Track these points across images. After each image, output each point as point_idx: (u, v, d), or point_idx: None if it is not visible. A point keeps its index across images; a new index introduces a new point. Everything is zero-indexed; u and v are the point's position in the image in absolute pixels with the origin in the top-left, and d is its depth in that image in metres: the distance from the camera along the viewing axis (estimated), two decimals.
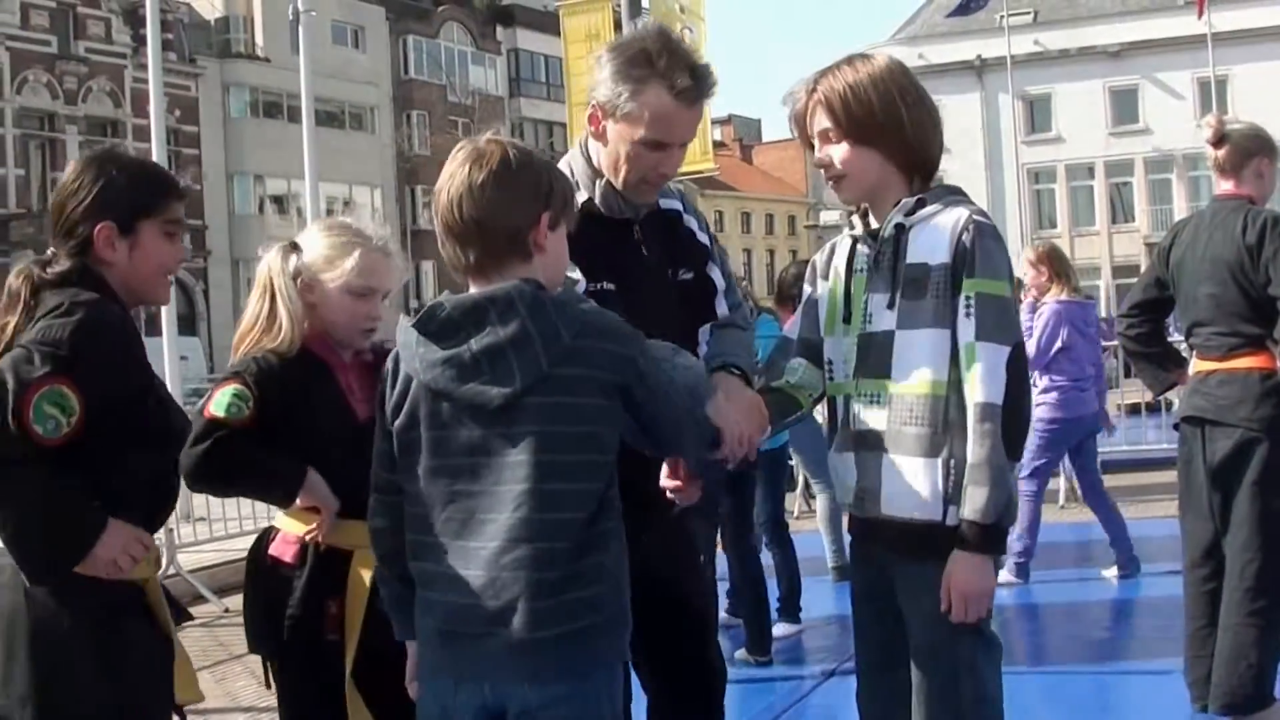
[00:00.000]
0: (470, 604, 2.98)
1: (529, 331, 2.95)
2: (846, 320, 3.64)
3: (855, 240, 3.72)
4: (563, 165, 3.85)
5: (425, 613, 3.09)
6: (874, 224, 3.66)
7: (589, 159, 3.89)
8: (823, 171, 3.69)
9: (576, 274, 3.60)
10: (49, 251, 3.63)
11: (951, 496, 3.43)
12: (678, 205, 4.05)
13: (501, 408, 2.97)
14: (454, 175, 3.07)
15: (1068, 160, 62.35)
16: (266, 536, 4.05)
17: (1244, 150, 5.80)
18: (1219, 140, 5.81)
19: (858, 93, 3.56)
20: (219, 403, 3.87)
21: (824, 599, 9.21)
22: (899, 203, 3.58)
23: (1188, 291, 5.82)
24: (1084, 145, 61.54)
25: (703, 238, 4.08)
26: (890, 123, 3.56)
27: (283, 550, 3.95)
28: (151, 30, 14.41)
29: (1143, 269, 6.27)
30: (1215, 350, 5.70)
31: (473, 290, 3.07)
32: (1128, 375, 18.85)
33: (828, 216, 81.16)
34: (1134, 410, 16.44)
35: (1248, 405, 5.57)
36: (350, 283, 3.98)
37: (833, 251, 3.82)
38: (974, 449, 3.38)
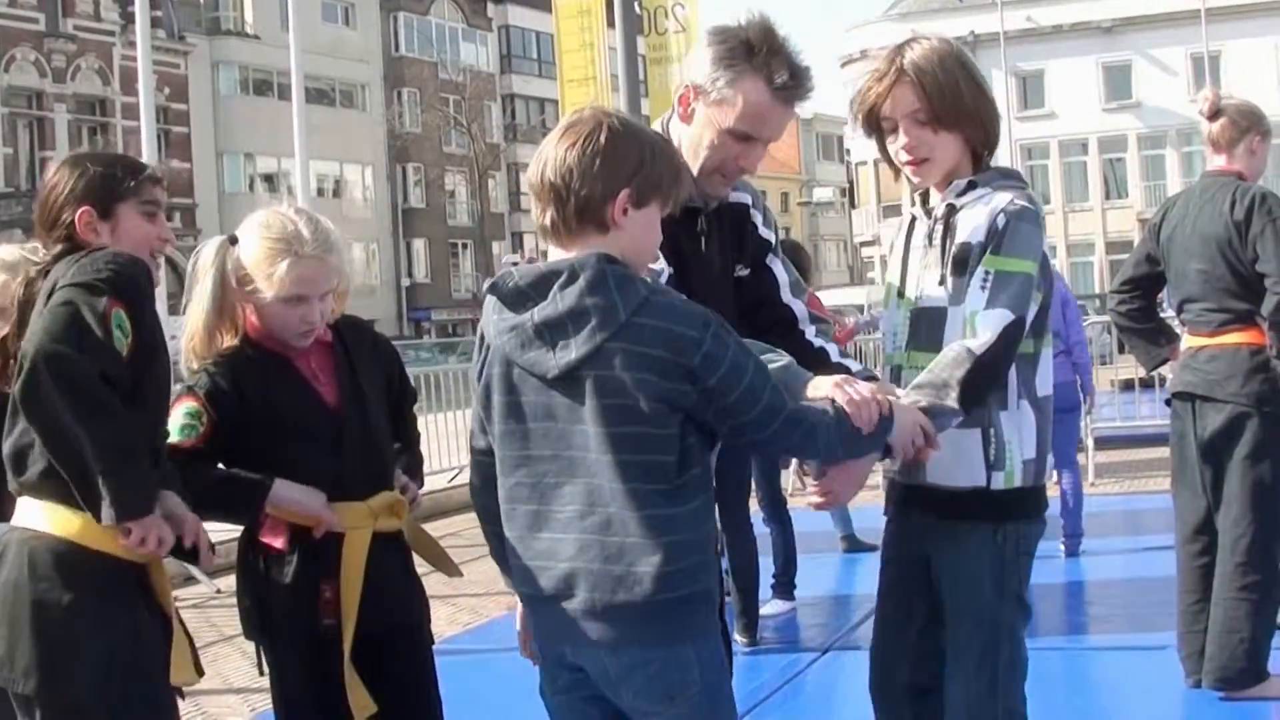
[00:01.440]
0: (547, 567, 3.05)
1: (585, 304, 2.97)
2: (901, 295, 3.73)
3: (914, 218, 3.80)
4: None
5: (514, 576, 3.17)
6: (932, 203, 3.74)
7: (674, 142, 3.77)
8: (900, 154, 3.67)
9: (660, 264, 3.56)
10: (38, 250, 3.74)
11: (994, 463, 3.55)
12: (747, 199, 4.03)
13: (560, 377, 3.00)
14: (548, 141, 3.10)
15: (1061, 136, 62.41)
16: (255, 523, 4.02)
17: (1238, 125, 5.80)
18: (1215, 114, 5.81)
19: (945, 75, 3.60)
20: (172, 427, 3.82)
21: (819, 576, 9.22)
22: (952, 184, 3.66)
23: (1178, 267, 5.83)
24: (1077, 121, 61.60)
25: (765, 233, 4.07)
26: (972, 106, 3.63)
27: (273, 535, 3.91)
28: (140, 7, 14.35)
29: (1137, 243, 6.27)
30: (1205, 326, 5.71)
31: (551, 254, 3.11)
32: (1121, 351, 18.94)
33: (821, 193, 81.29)
34: (1127, 386, 16.49)
35: (1237, 380, 5.59)
36: (281, 292, 3.87)
37: (899, 230, 3.88)
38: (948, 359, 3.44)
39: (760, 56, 3.63)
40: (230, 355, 3.93)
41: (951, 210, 3.63)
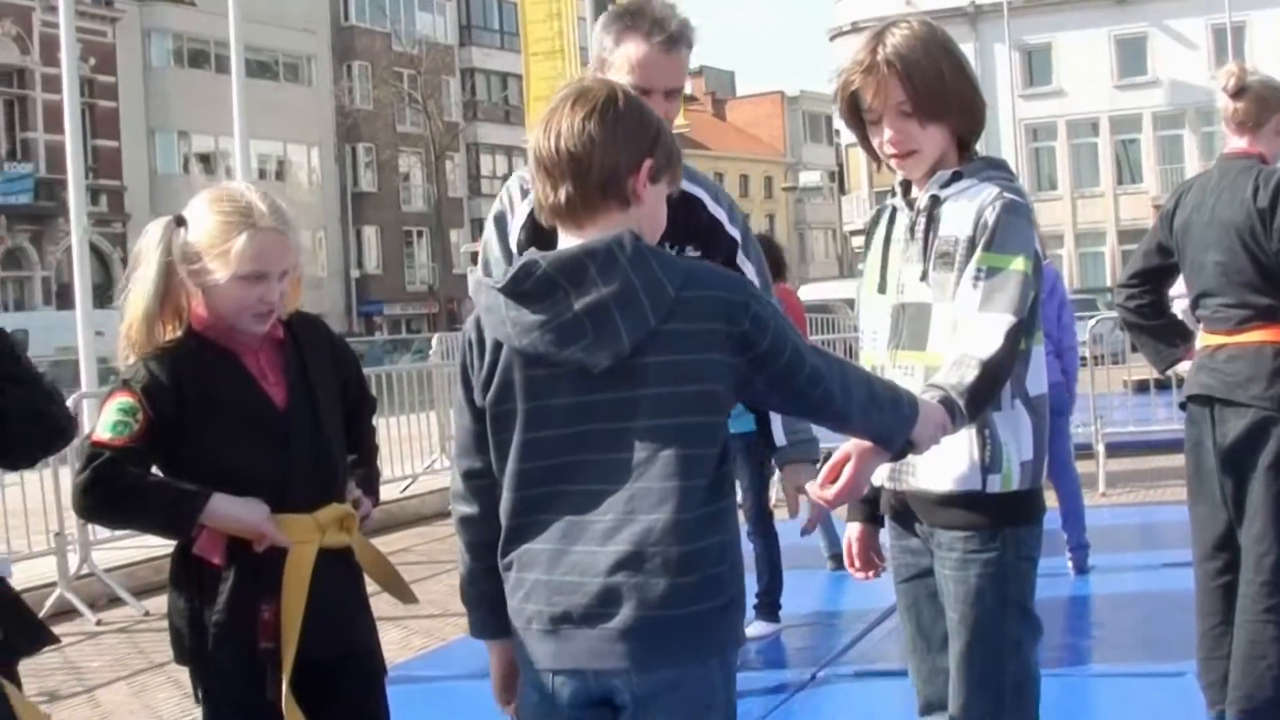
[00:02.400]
0: (578, 582, 2.98)
1: (634, 285, 2.94)
2: (881, 290, 3.80)
3: (895, 209, 3.84)
4: None
5: (526, 597, 3.06)
6: (914, 194, 3.80)
7: None
8: (886, 147, 3.74)
9: None
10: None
11: (989, 465, 3.62)
12: (701, 192, 4.39)
13: (609, 371, 2.97)
14: (555, 110, 3.07)
15: (1069, 116, 62.59)
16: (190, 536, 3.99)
17: (1265, 103, 5.78)
18: (1239, 90, 5.79)
19: (929, 63, 3.66)
20: (104, 423, 3.82)
21: (805, 594, 9.23)
22: (935, 174, 3.72)
23: (1193, 259, 5.80)
24: (1087, 99, 61.78)
25: (732, 231, 4.32)
26: (957, 94, 3.70)
27: (209, 548, 3.88)
28: None
29: (1149, 230, 6.25)
30: (1224, 323, 5.69)
31: (561, 238, 3.08)
32: (1135, 349, 18.91)
33: (807, 177, 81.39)
34: (1141, 387, 16.54)
35: (1260, 382, 5.56)
36: (238, 268, 3.86)
37: (876, 220, 3.94)
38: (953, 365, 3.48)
39: (630, 18, 4.31)
40: (171, 348, 3.90)
41: (935, 202, 3.70)
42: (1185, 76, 58.80)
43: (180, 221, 3.94)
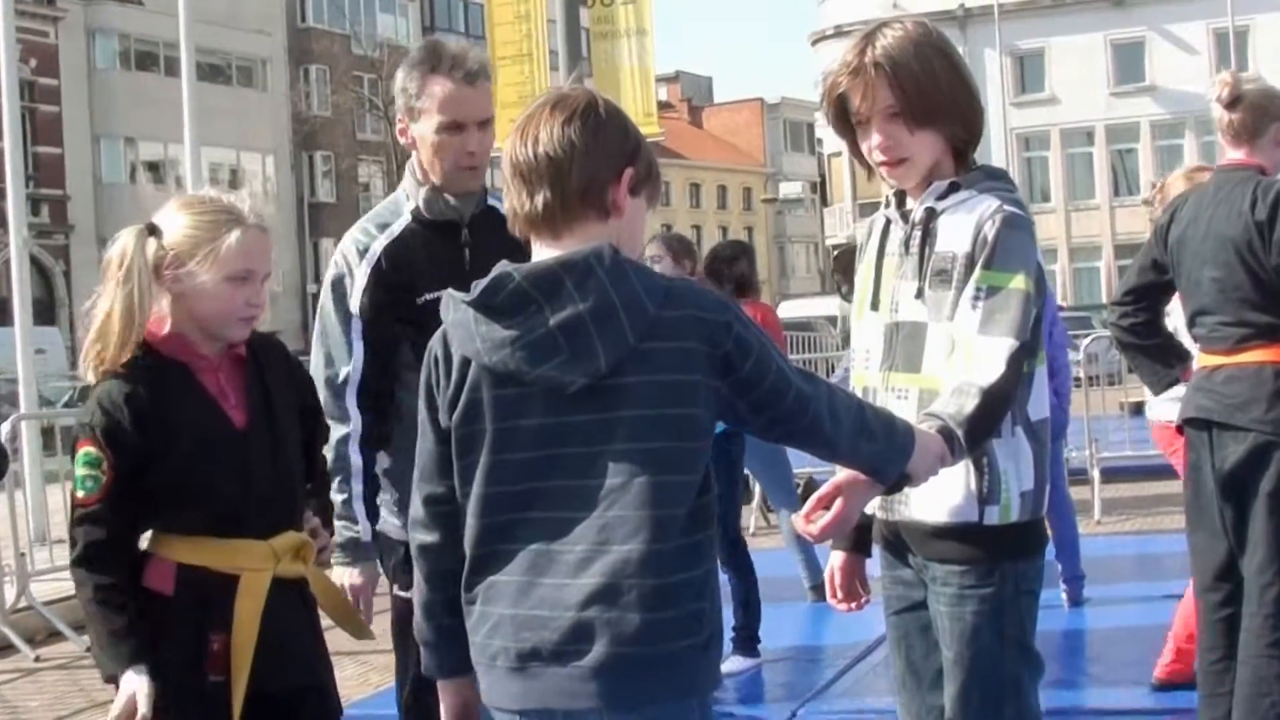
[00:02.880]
0: (547, 617, 2.96)
1: (612, 301, 2.94)
2: (875, 307, 3.79)
3: (889, 221, 3.83)
4: (398, 191, 4.81)
5: (492, 632, 3.03)
6: (909, 205, 3.79)
7: (416, 174, 4.78)
8: (875, 154, 3.74)
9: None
10: None
11: (987, 496, 3.60)
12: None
13: (583, 391, 2.96)
14: (532, 116, 3.08)
15: (1063, 124, 62.79)
16: (139, 564, 4.00)
17: (1261, 113, 5.78)
18: (1234, 101, 5.81)
19: (922, 67, 3.65)
20: (76, 479, 3.91)
21: (785, 628, 9.21)
22: (931, 185, 3.70)
23: (1189, 275, 5.80)
24: (1082, 107, 61.97)
25: None
26: (951, 100, 3.69)
27: (158, 579, 3.91)
28: None
29: (1144, 245, 6.25)
30: (1221, 342, 5.69)
31: (536, 250, 3.07)
32: (1131, 370, 18.91)
33: (788, 189, 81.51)
34: (1138, 410, 16.50)
35: (1259, 405, 5.55)
36: (229, 267, 3.93)
37: (869, 233, 3.93)
38: (952, 397, 3.47)
39: (429, 62, 4.69)
40: (127, 370, 3.92)
41: (931, 215, 3.69)
42: (1185, 83, 58.94)
43: (152, 230, 3.96)
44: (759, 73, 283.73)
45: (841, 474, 3.31)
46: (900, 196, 3.81)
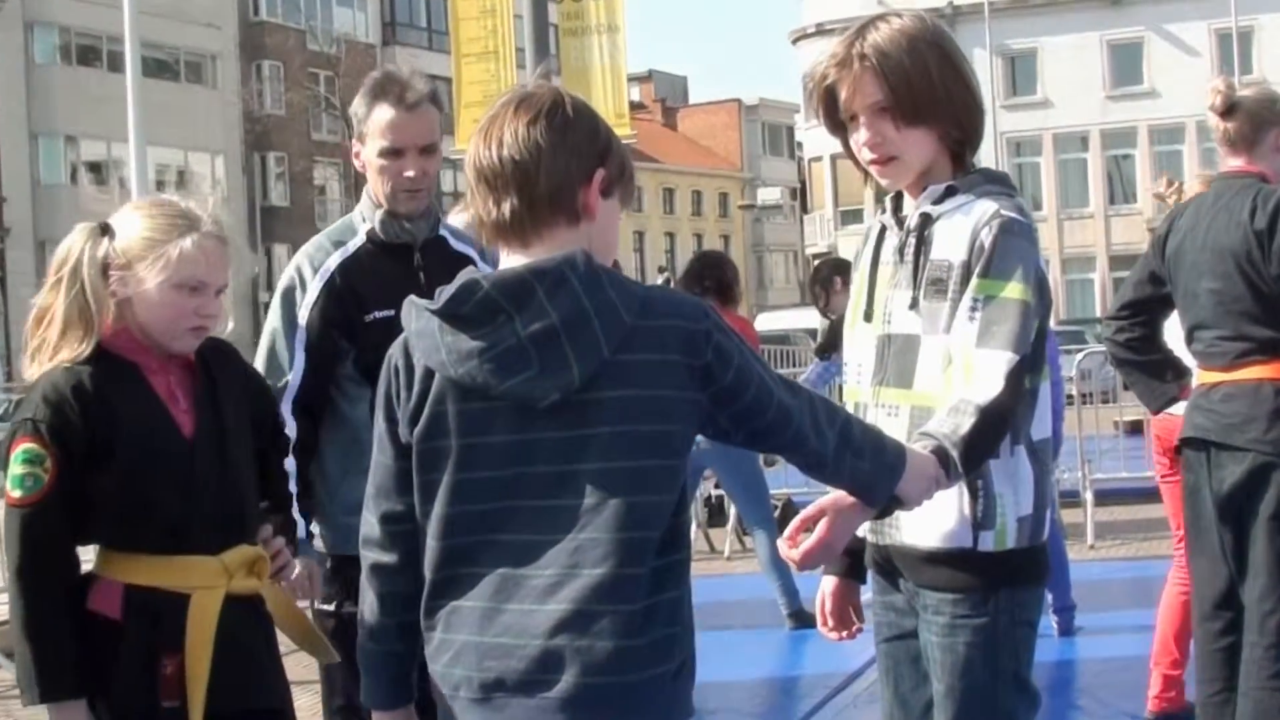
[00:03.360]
0: (513, 645, 2.95)
1: (585, 311, 2.94)
2: (868, 318, 3.77)
3: (884, 227, 3.83)
4: (355, 210, 5.22)
5: (454, 660, 3.02)
6: (905, 211, 3.79)
7: (369, 195, 5.17)
8: (864, 152, 3.74)
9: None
10: None
11: (982, 521, 3.58)
12: (472, 251, 5.20)
13: (555, 406, 2.95)
14: (495, 117, 3.07)
15: (1056, 129, 62.94)
16: (84, 587, 3.98)
17: (1259, 120, 5.80)
18: (1229, 108, 5.82)
19: (914, 60, 3.66)
20: (13, 478, 3.85)
21: (761, 656, 9.22)
22: (927, 189, 3.69)
23: (1187, 287, 5.81)
24: (1076, 110, 62.11)
25: None
26: (945, 97, 3.68)
27: (105, 603, 3.89)
28: None
29: (1141, 257, 6.26)
30: (1219, 358, 5.70)
31: (504, 258, 3.07)
32: (1127, 388, 18.92)
33: (766, 195, 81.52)
34: (1135, 429, 16.52)
35: (1259, 424, 5.55)
36: (177, 274, 3.93)
37: (865, 239, 3.92)
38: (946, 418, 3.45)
39: (378, 88, 5.07)
40: (73, 366, 3.91)
41: (926, 220, 3.67)
42: (1185, 86, 58.98)
43: (105, 229, 3.97)
44: (737, 72, 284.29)
45: (828, 496, 3.31)
46: (897, 201, 3.80)
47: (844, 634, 4.06)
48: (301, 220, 64.82)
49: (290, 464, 4.67)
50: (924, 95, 3.64)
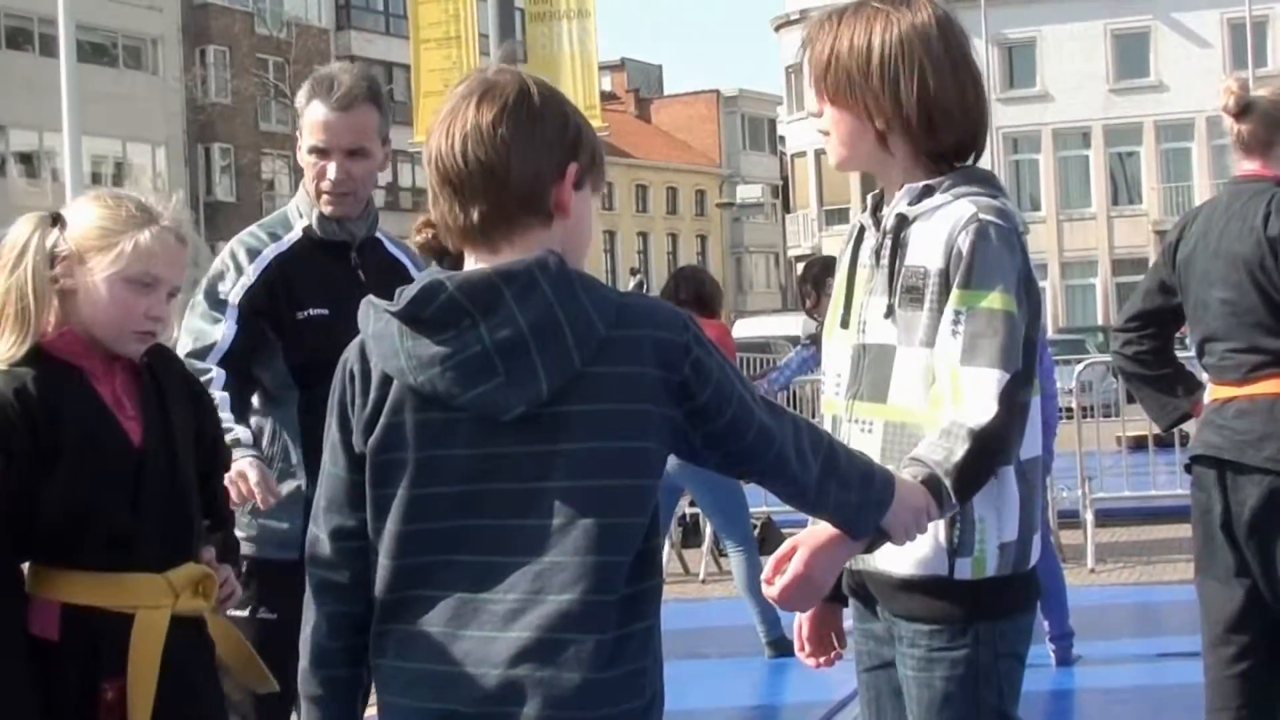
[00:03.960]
0: (472, 675, 2.92)
1: (556, 318, 2.91)
2: (845, 325, 3.76)
3: (862, 227, 3.82)
4: (291, 203, 5.41)
5: (404, 690, 2.99)
6: (885, 210, 3.77)
7: (306, 190, 5.35)
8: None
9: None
10: None
11: (958, 547, 3.55)
12: (404, 258, 5.43)
13: (521, 419, 2.93)
14: (456, 111, 3.03)
15: (1056, 124, 63.13)
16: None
17: (1274, 121, 5.80)
18: (1243, 109, 5.82)
19: (854, 44, 3.66)
20: None
21: (739, 686, 9.22)
22: (904, 187, 3.69)
23: (1198, 297, 5.81)
24: (1077, 105, 62.31)
25: None
26: (879, 84, 3.65)
27: (41, 623, 3.87)
28: None
29: (1153, 262, 6.26)
30: (1232, 372, 5.70)
31: (469, 261, 3.05)
32: (1131, 401, 18.96)
33: (746, 192, 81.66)
34: (1139, 445, 16.61)
35: (1273, 442, 5.55)
36: (130, 268, 3.92)
37: (847, 239, 3.91)
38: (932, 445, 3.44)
39: (314, 85, 5.28)
40: (10, 370, 3.89)
41: (902, 222, 3.65)
42: (1195, 80, 59.26)
43: (56, 219, 3.97)
44: (715, 61, 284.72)
45: (806, 529, 3.31)
46: (878, 200, 3.79)
47: (822, 661, 4.02)
48: (248, 216, 64.42)
49: (218, 372, 5.01)
50: (854, 78, 3.65)
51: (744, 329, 38.88)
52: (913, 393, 3.57)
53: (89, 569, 3.87)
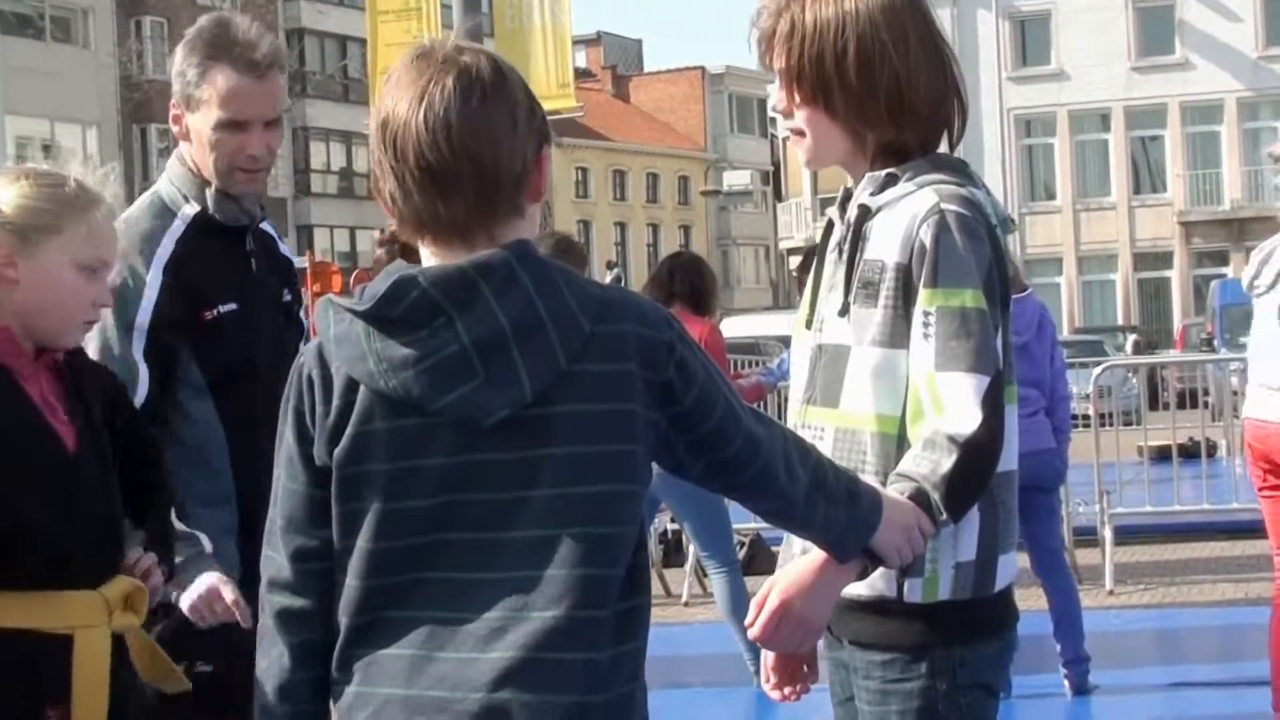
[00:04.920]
0: (447, 699, 2.91)
1: (538, 314, 2.92)
2: (808, 325, 3.78)
3: (831, 222, 3.83)
4: (163, 186, 5.06)
5: (372, 718, 2.98)
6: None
7: (190, 167, 5.02)
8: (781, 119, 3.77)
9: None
10: None
11: (908, 568, 3.47)
12: (274, 233, 5.32)
13: (502, 424, 2.93)
14: (427, 94, 2.99)
15: (1073, 105, 63.09)
16: None
17: None
18: None
19: (823, 29, 3.65)
20: None
21: (724, 717, 9.24)
22: (866, 176, 3.68)
23: None
24: (1096, 84, 62.26)
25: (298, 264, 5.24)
26: (856, 86, 3.65)
27: None
28: None
29: (1178, 255, 6.30)
30: None
31: (429, 257, 3.05)
32: (1153, 408, 18.94)
33: (734, 179, 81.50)
34: (1162, 456, 16.62)
35: None
36: (81, 254, 3.94)
37: (822, 235, 3.91)
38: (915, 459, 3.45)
39: (219, 43, 4.91)
40: None
41: (864, 214, 3.66)
42: (1224, 58, 59.38)
43: None
44: (699, 36, 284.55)
45: (781, 569, 3.37)
46: (849, 191, 3.79)
47: (788, 693, 3.95)
48: None
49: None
50: (828, 77, 3.66)
51: (731, 327, 38.70)
52: (864, 397, 3.57)
53: (22, 589, 3.86)
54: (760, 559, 13.54)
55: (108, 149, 61.34)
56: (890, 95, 3.65)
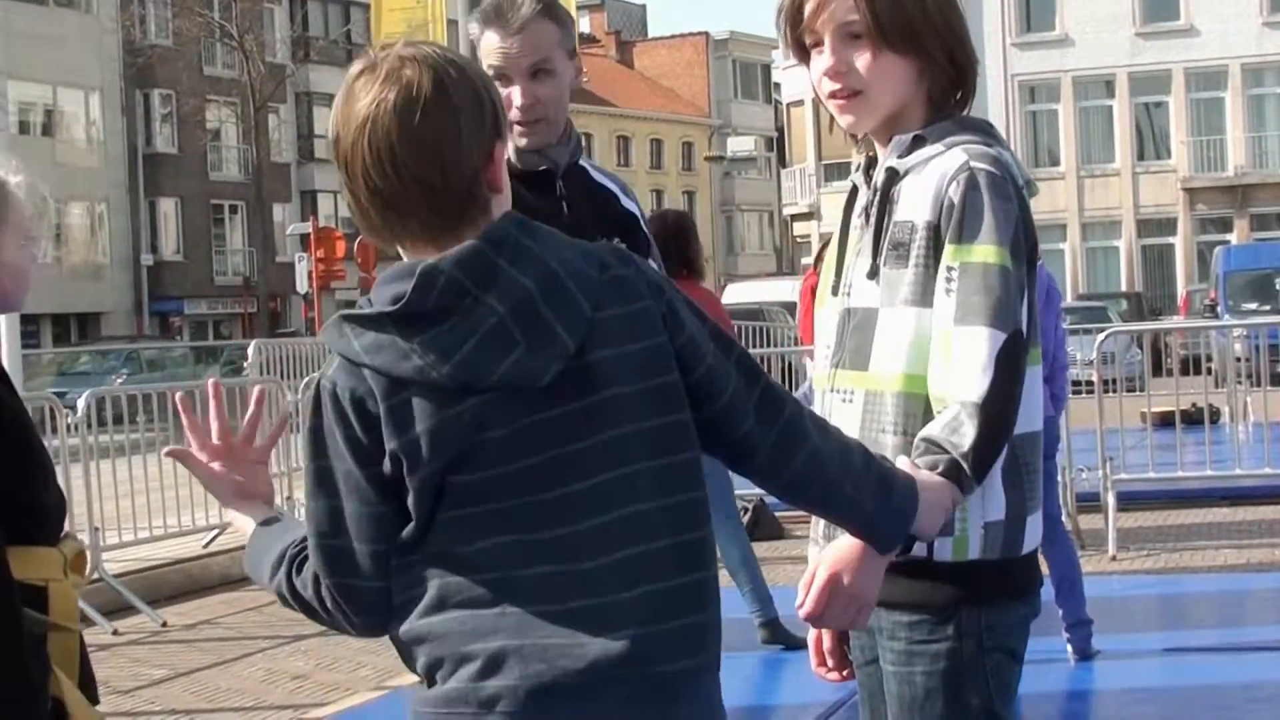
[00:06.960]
0: (572, 648, 2.94)
1: (553, 269, 2.98)
2: (835, 292, 3.78)
3: (855, 187, 3.82)
4: None
5: (484, 673, 2.97)
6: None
7: None
8: (825, 83, 3.70)
9: None
10: None
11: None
12: (614, 188, 5.41)
13: (556, 380, 2.97)
14: (370, 116, 3.01)
15: (1077, 71, 62.99)
16: None
17: None
18: None
19: None
20: None
21: (731, 683, 9.21)
22: (893, 139, 3.67)
23: None
24: (1100, 50, 62.16)
25: (647, 232, 5.41)
26: (943, 22, 3.66)
27: None
28: None
29: (1182, 222, 6.28)
30: None
31: (410, 258, 3.06)
32: (1156, 374, 18.93)
33: (738, 145, 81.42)
34: (1165, 422, 16.60)
35: None
36: (32, 232, 4.04)
37: (847, 201, 3.90)
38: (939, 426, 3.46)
39: (480, 19, 5.23)
40: None
41: (893, 176, 3.66)
42: (1229, 23, 59.26)
43: None
44: (703, 1, 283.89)
45: (830, 545, 3.39)
46: (872, 156, 3.77)
47: (845, 675, 3.96)
48: (191, 169, 64.65)
49: None
50: (906, 14, 3.61)
51: (734, 294, 38.78)
52: (894, 357, 3.58)
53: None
54: (765, 525, 13.55)
55: (110, 114, 61.32)
56: (961, 31, 3.69)
